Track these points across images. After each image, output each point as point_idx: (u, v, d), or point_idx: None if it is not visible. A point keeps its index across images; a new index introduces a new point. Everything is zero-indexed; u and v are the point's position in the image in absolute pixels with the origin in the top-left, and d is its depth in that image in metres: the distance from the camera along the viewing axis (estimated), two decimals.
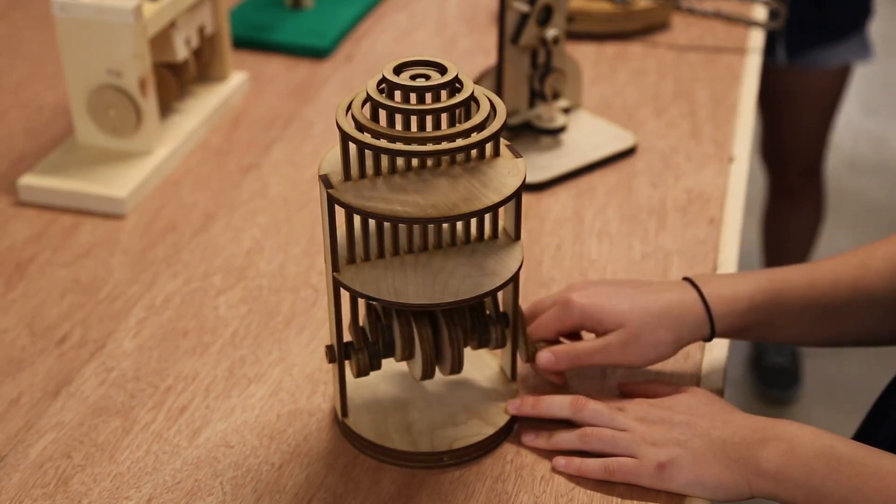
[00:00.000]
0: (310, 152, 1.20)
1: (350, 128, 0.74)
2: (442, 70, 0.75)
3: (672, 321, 0.84)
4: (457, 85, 0.75)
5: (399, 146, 0.72)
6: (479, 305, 0.84)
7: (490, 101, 0.76)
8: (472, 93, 0.75)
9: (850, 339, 0.89)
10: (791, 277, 0.86)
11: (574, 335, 0.89)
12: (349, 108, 0.75)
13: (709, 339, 0.86)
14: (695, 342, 0.86)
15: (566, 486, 0.80)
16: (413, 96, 0.74)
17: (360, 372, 0.82)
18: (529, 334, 0.87)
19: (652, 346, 0.84)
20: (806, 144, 2.00)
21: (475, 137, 0.73)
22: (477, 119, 0.74)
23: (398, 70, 0.75)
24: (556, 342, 0.88)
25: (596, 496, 0.79)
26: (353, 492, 0.80)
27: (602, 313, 0.84)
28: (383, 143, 0.73)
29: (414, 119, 0.73)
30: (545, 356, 0.85)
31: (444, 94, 0.75)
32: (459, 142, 0.73)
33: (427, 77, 0.75)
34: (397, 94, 0.75)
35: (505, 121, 0.75)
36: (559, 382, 0.88)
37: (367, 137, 0.73)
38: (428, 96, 0.74)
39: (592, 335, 0.87)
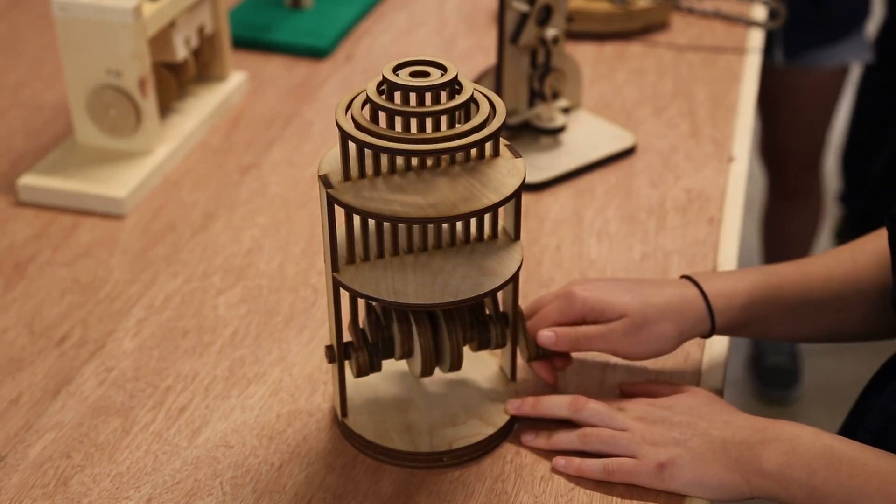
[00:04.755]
0: (309, 152, 1.20)
1: (350, 127, 0.74)
2: (442, 69, 0.75)
3: (674, 315, 0.84)
4: (456, 87, 0.75)
5: (398, 145, 0.72)
6: (479, 305, 0.84)
7: (490, 101, 0.76)
8: (472, 95, 0.75)
9: (844, 334, 0.90)
10: (785, 274, 0.87)
11: None
12: (349, 107, 0.75)
13: (708, 335, 0.87)
14: (695, 338, 0.87)
15: (566, 486, 0.80)
16: (413, 97, 0.74)
17: (360, 372, 0.82)
18: (530, 329, 0.87)
19: (653, 338, 0.84)
20: (805, 144, 2.00)
21: (474, 137, 0.73)
22: (476, 120, 0.74)
23: (397, 69, 0.75)
24: None
25: (596, 496, 0.79)
26: (353, 492, 0.80)
27: (605, 304, 0.84)
28: (383, 141, 0.73)
29: (413, 121, 0.73)
30: (546, 334, 0.85)
31: (443, 95, 0.75)
32: (459, 141, 0.73)
33: (427, 74, 0.75)
34: (397, 95, 0.75)
35: (504, 120, 0.75)
36: (551, 381, 0.88)
37: (366, 136, 0.73)
38: (428, 97, 0.74)
39: None
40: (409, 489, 0.80)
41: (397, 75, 0.74)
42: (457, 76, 0.75)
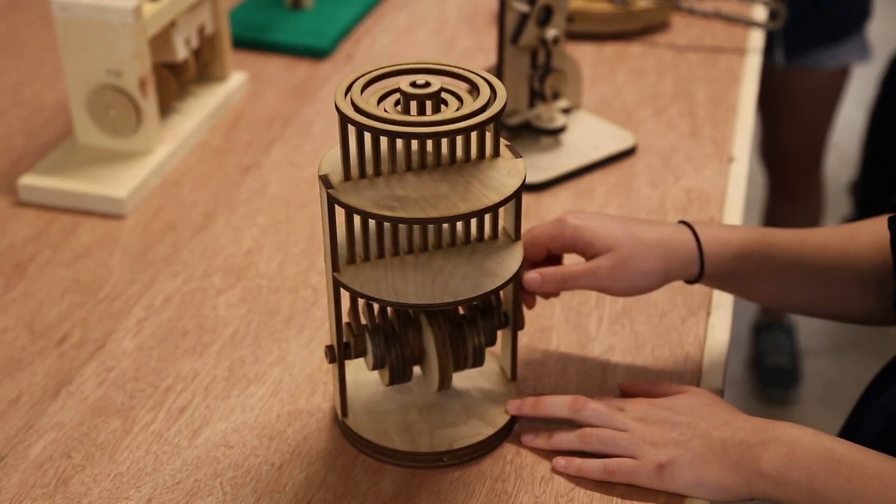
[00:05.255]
0: (309, 152, 1.20)
1: (350, 110, 0.73)
2: (459, 99, 0.76)
3: (663, 252, 0.85)
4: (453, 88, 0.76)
5: (398, 128, 0.72)
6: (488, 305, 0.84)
7: (490, 85, 0.76)
8: (474, 81, 0.75)
9: (829, 309, 0.90)
10: (782, 235, 0.88)
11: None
12: (348, 90, 0.75)
13: (695, 280, 0.87)
14: (682, 279, 0.87)
15: (566, 486, 0.80)
16: (414, 105, 0.75)
17: (359, 352, 0.82)
18: (524, 244, 0.87)
19: (640, 274, 0.84)
20: (805, 145, 2.00)
21: (475, 120, 0.73)
22: (478, 104, 0.74)
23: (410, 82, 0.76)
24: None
25: (596, 496, 0.79)
26: (353, 492, 0.80)
27: (594, 235, 0.85)
28: (382, 124, 0.72)
29: (413, 104, 0.74)
30: (531, 276, 0.85)
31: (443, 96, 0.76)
32: (460, 123, 0.73)
33: (427, 85, 0.75)
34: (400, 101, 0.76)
35: (505, 104, 0.75)
36: (528, 305, 0.88)
37: (366, 119, 0.73)
38: (428, 106, 0.75)
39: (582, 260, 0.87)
40: (410, 489, 0.80)
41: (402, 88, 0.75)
42: (441, 88, 0.75)
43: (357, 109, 0.74)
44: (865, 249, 0.87)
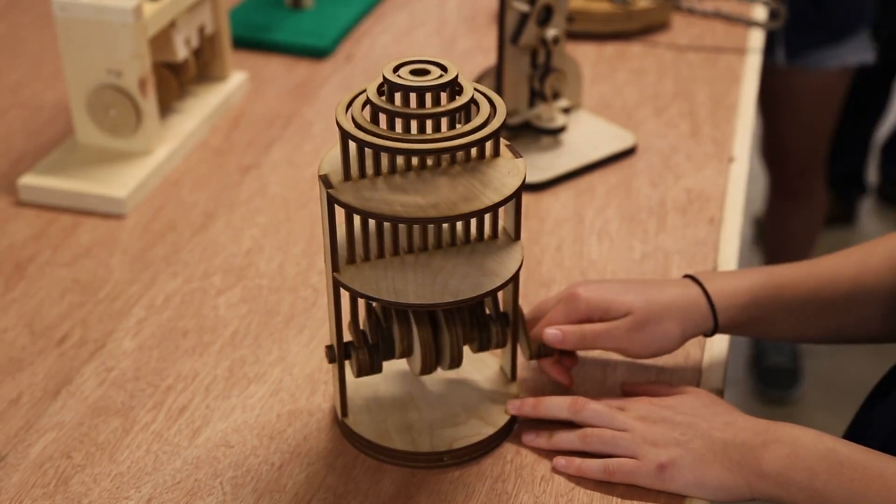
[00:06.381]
0: (309, 152, 1.20)
1: (350, 126, 0.74)
2: (442, 69, 0.75)
3: (678, 313, 0.84)
4: (456, 87, 0.75)
5: (398, 144, 0.72)
6: (479, 305, 0.84)
7: (490, 101, 0.76)
8: (473, 96, 0.75)
9: (849, 335, 0.89)
10: (791, 273, 0.87)
11: None
12: (349, 106, 0.75)
13: (711, 334, 0.87)
14: (697, 336, 0.87)
15: (566, 486, 0.80)
16: (413, 98, 0.74)
17: (361, 371, 0.82)
18: (535, 334, 0.87)
19: (658, 336, 0.84)
20: (806, 145, 2.00)
21: (474, 137, 0.73)
22: (477, 122, 0.74)
23: (397, 69, 0.75)
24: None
25: (596, 496, 0.79)
26: (353, 492, 0.80)
27: (609, 303, 0.85)
28: (383, 140, 0.73)
29: (414, 122, 0.73)
30: (552, 332, 0.85)
31: (443, 96, 0.75)
32: (459, 140, 0.73)
33: (427, 73, 0.75)
34: (397, 96, 0.75)
35: (504, 121, 0.75)
36: (567, 383, 0.87)
37: (367, 136, 0.73)
38: (428, 98, 0.74)
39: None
40: (410, 489, 0.80)
41: (398, 75, 0.74)
42: (457, 77, 0.75)
43: (358, 126, 0.74)
44: (879, 273, 0.86)
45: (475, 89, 0.76)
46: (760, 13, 1.49)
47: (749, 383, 2.17)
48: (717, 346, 0.93)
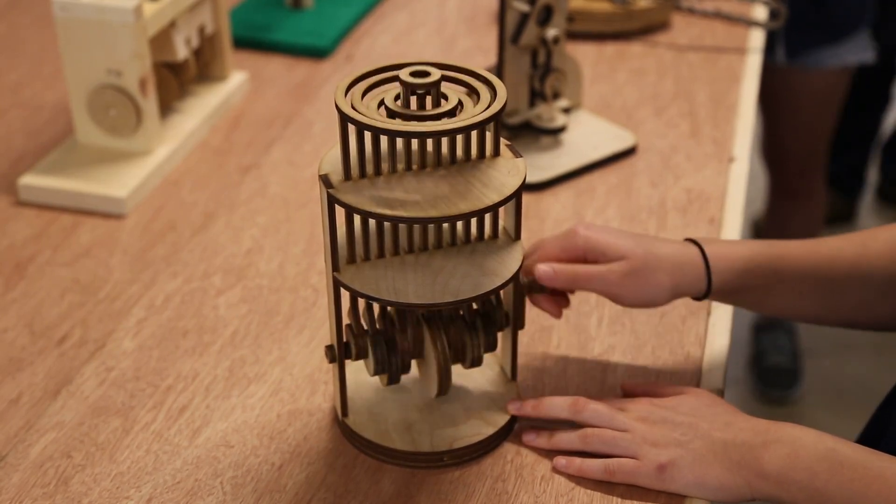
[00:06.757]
0: (310, 152, 1.20)
1: (349, 109, 0.73)
2: (442, 68, 0.76)
3: (672, 267, 0.85)
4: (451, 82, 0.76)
5: (399, 127, 0.72)
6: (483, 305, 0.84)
7: (490, 85, 0.76)
8: (473, 86, 0.75)
9: (846, 317, 0.89)
10: (791, 246, 0.88)
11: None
12: (349, 90, 0.75)
13: (703, 296, 0.87)
14: (689, 295, 0.87)
15: (566, 486, 0.80)
16: (414, 101, 0.74)
17: (359, 355, 0.82)
18: (527, 266, 0.87)
19: (650, 286, 0.84)
20: (806, 144, 2.00)
21: (474, 118, 0.73)
22: (478, 108, 0.74)
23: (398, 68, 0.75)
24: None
25: (596, 496, 0.79)
26: (353, 492, 0.80)
27: (606, 244, 0.85)
28: (383, 122, 0.72)
29: (413, 98, 0.74)
30: (544, 268, 0.85)
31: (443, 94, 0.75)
32: (460, 122, 0.72)
33: (427, 74, 0.75)
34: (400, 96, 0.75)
35: (505, 105, 0.75)
36: (556, 315, 0.88)
37: (365, 118, 0.72)
38: (428, 101, 0.75)
39: None
40: (410, 489, 0.80)
41: (399, 76, 0.75)
42: (441, 79, 0.75)
43: (357, 109, 0.74)
44: (879, 257, 0.86)
45: (476, 74, 0.76)
46: (760, 13, 1.49)
47: (749, 383, 2.17)
48: (718, 346, 0.93)
